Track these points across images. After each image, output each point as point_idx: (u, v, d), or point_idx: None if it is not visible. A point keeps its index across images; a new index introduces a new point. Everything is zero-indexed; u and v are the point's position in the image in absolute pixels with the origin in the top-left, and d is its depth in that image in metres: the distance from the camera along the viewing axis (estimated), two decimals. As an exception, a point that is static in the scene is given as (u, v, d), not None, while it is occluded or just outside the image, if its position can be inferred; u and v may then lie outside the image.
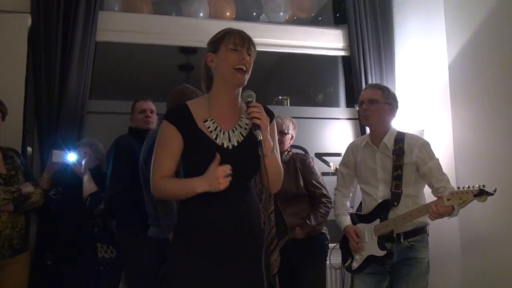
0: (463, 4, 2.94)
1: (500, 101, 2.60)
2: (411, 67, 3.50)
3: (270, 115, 1.73)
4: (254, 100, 1.65)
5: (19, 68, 2.96)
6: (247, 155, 1.67)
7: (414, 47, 3.48)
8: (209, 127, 1.67)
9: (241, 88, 1.73)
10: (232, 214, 1.65)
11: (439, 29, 3.12)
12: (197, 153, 1.65)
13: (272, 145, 1.66)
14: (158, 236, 2.39)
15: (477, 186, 2.04)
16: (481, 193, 2.02)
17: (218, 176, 1.54)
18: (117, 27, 3.36)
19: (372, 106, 2.38)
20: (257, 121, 1.59)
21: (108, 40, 3.36)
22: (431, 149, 2.36)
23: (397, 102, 2.46)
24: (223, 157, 1.61)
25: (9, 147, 2.63)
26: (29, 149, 3.07)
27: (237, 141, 1.68)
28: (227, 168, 1.56)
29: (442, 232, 2.75)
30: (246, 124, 1.71)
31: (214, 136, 1.66)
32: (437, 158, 2.35)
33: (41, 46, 3.03)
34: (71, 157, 2.72)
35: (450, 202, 2.07)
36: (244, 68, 1.66)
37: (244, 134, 1.70)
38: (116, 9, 3.51)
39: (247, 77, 1.69)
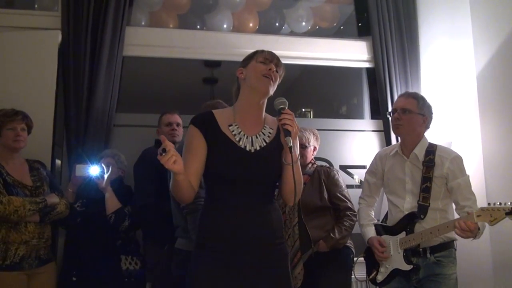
0: (490, 13, 2.88)
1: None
2: (438, 78, 3.44)
3: None
4: (287, 108, 1.67)
5: (49, 83, 3.05)
6: (268, 160, 1.69)
7: (440, 57, 3.41)
8: (233, 131, 1.71)
9: (265, 100, 1.76)
10: (253, 222, 1.66)
11: (466, 39, 3.06)
12: (219, 154, 1.68)
13: (298, 155, 1.69)
14: (186, 248, 2.37)
15: (509, 203, 1.92)
16: None
17: (161, 160, 1.48)
18: (144, 42, 3.44)
19: (405, 115, 2.32)
20: (289, 128, 1.61)
21: (135, 54, 3.43)
22: (463, 165, 2.28)
23: (432, 113, 2.39)
24: (245, 159, 1.66)
25: (35, 159, 2.69)
26: (58, 161, 3.15)
27: (260, 146, 1.71)
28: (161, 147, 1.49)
29: (472, 252, 2.65)
30: (270, 133, 1.75)
31: (237, 139, 1.70)
32: (468, 175, 2.26)
33: (71, 61, 3.12)
34: (94, 170, 2.70)
35: (480, 219, 1.97)
36: (272, 77, 1.71)
37: (267, 141, 1.73)
38: (143, 23, 3.59)
39: (272, 87, 1.72)
